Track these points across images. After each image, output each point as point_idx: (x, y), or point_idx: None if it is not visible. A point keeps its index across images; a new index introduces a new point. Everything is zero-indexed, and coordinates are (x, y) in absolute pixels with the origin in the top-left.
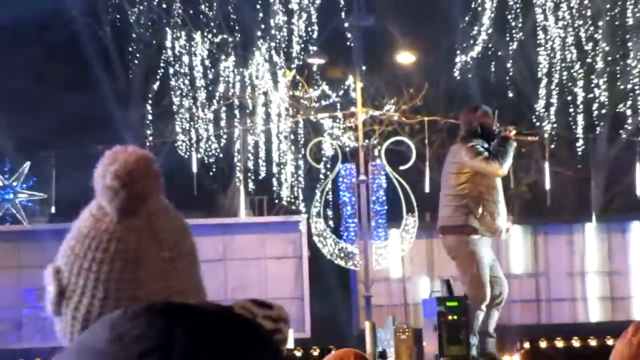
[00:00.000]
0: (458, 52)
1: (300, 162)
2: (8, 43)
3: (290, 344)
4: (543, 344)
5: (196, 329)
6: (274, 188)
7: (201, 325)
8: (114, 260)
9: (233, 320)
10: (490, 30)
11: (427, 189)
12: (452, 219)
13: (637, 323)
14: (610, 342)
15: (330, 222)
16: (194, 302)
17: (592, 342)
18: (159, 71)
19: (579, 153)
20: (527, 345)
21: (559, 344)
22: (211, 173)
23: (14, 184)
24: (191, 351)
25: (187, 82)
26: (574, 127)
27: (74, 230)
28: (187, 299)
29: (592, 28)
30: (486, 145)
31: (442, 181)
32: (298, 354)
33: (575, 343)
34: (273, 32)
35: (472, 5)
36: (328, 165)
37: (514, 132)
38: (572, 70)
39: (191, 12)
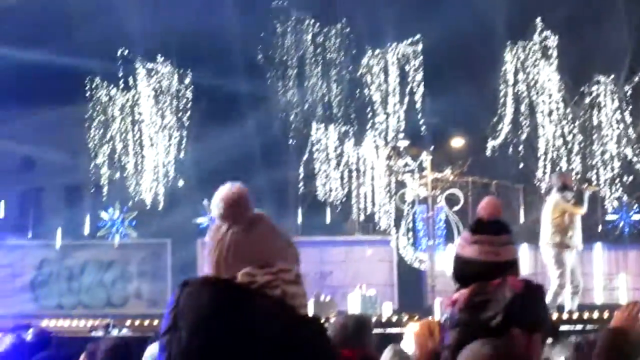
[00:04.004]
0: (489, 138)
1: (392, 204)
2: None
3: (389, 312)
4: None
5: (189, 291)
6: (376, 219)
7: (194, 289)
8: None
9: (215, 281)
10: (509, 126)
11: (469, 222)
12: (552, 238)
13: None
14: None
15: (410, 240)
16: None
17: None
18: (308, 147)
19: None
20: None
21: None
22: (338, 210)
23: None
24: (184, 305)
25: (323, 154)
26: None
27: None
28: None
29: (571, 125)
30: (572, 194)
31: (543, 215)
32: (394, 318)
33: None
34: (376, 125)
35: (498, 111)
36: (409, 207)
37: (585, 185)
38: (559, 151)
39: (327, 112)
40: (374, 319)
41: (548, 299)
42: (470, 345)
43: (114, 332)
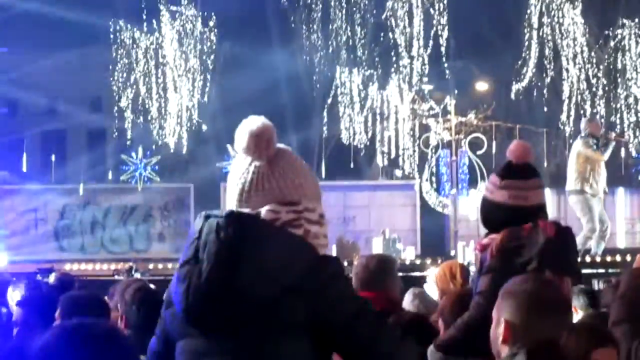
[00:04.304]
0: (513, 82)
1: (416, 148)
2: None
3: (412, 256)
4: None
5: (212, 224)
6: (400, 163)
7: (218, 222)
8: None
9: (240, 216)
10: (533, 70)
11: (493, 166)
12: (575, 184)
13: None
14: None
15: (434, 185)
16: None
17: None
18: (332, 91)
19: None
20: None
21: None
22: (361, 154)
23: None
24: (207, 237)
25: (347, 98)
26: None
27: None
28: None
29: (595, 69)
30: (595, 141)
31: (569, 160)
32: (417, 261)
33: None
34: (401, 69)
35: (523, 55)
36: (433, 151)
37: (613, 135)
38: (583, 95)
39: (352, 56)
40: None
41: (577, 242)
42: (512, 281)
43: (137, 276)
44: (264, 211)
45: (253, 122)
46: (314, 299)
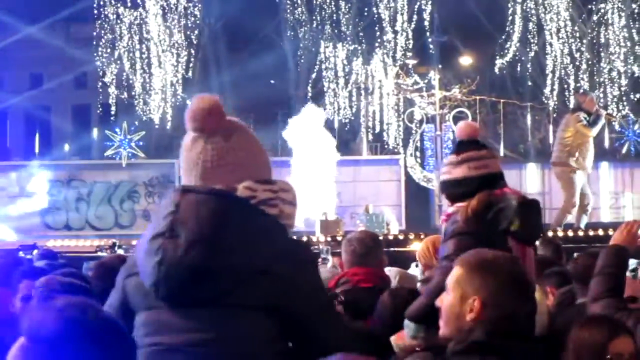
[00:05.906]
0: (497, 57)
1: (400, 123)
2: None
3: (395, 230)
4: None
5: (192, 199)
6: (384, 138)
7: (198, 198)
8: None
9: (220, 193)
10: (517, 44)
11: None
12: (560, 157)
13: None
14: None
15: (418, 159)
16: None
17: None
18: (316, 66)
19: None
20: None
21: None
22: (346, 129)
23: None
24: (185, 212)
25: (332, 73)
26: (568, 104)
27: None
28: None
29: (579, 43)
30: (586, 116)
31: (557, 132)
32: (400, 236)
33: None
34: (385, 43)
35: (506, 29)
36: (417, 125)
37: (604, 112)
38: (567, 69)
39: (336, 31)
40: (380, 238)
41: (557, 217)
42: (479, 257)
43: (120, 252)
44: (240, 188)
45: (202, 99)
46: (282, 283)
